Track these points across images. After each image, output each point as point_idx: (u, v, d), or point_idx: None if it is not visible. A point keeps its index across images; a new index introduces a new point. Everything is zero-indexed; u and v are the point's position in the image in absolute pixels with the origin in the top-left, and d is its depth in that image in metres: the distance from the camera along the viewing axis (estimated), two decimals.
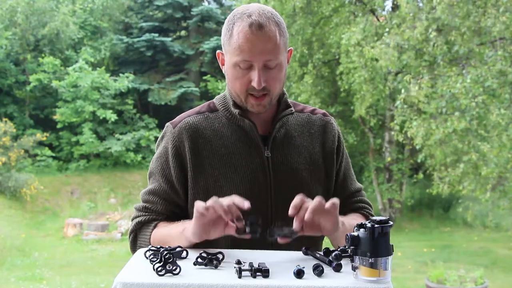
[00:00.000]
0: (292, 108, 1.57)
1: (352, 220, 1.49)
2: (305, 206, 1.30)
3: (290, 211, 1.30)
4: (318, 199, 1.29)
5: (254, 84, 1.43)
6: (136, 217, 1.57)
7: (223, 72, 1.53)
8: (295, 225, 1.31)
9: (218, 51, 1.55)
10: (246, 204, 1.27)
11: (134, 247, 1.57)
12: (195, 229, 1.33)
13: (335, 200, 1.31)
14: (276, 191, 1.50)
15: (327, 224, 1.33)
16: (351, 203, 1.62)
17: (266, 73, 1.44)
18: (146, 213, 1.54)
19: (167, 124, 1.58)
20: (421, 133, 7.95)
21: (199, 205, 1.30)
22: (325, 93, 12.60)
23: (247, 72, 1.44)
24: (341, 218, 1.42)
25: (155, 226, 1.51)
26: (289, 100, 1.60)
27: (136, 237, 1.56)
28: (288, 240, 1.32)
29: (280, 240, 1.32)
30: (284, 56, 1.48)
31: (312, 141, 1.58)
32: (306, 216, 1.29)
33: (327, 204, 1.29)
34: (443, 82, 7.85)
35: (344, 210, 1.59)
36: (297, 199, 1.31)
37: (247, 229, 1.29)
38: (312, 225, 1.32)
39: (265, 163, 1.51)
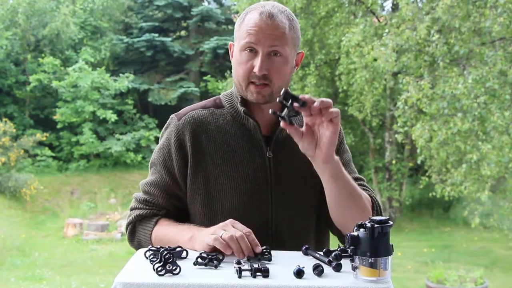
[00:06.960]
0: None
1: (351, 180, 1.42)
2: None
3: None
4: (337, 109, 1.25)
5: (256, 69, 1.43)
6: (135, 209, 1.55)
7: (232, 64, 1.52)
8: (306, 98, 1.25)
9: (230, 42, 1.56)
10: (257, 249, 1.29)
11: (132, 239, 1.55)
12: (208, 245, 1.31)
13: (337, 109, 1.27)
14: (276, 192, 1.50)
15: (326, 132, 1.27)
16: None
17: (269, 62, 1.44)
18: (147, 207, 1.53)
19: (172, 115, 1.58)
20: (425, 136, 7.85)
21: (218, 239, 1.29)
22: (327, 93, 12.60)
23: (251, 58, 1.44)
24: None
25: (156, 223, 1.50)
26: None
27: (134, 228, 1.54)
28: (289, 125, 1.28)
29: (282, 123, 1.28)
30: (292, 53, 1.48)
31: None
32: (316, 103, 1.25)
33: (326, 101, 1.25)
34: (444, 83, 7.82)
35: None
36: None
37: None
38: (311, 132, 1.29)
39: (266, 164, 1.51)
